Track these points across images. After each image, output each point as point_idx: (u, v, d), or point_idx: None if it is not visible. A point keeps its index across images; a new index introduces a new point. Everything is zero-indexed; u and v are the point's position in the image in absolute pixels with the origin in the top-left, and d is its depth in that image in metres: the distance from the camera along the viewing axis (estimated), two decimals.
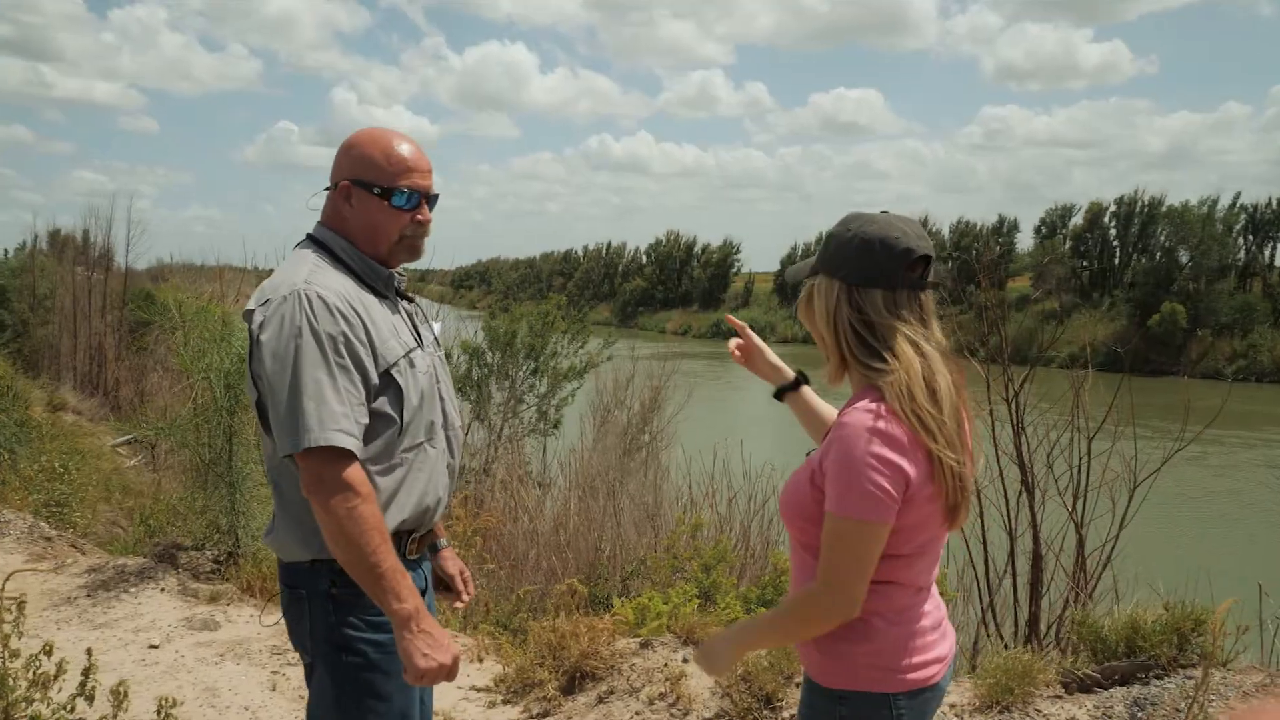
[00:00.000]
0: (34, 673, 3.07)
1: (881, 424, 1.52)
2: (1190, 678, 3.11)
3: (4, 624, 3.33)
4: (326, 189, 1.93)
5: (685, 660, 3.32)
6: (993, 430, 6.99)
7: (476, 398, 16.95)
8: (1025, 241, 62.10)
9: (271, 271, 2.03)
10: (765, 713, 2.93)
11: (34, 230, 22.62)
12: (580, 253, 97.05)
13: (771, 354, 2.10)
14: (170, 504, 6.11)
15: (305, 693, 3.58)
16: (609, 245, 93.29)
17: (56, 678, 3.09)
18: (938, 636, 1.69)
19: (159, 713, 3.06)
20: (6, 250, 22.65)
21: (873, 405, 1.55)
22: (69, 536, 5.88)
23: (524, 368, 17.63)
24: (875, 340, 1.59)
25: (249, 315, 1.75)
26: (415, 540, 1.92)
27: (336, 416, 1.65)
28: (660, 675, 3.21)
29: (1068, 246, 57.75)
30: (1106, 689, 3.19)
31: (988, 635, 6.70)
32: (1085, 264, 56.77)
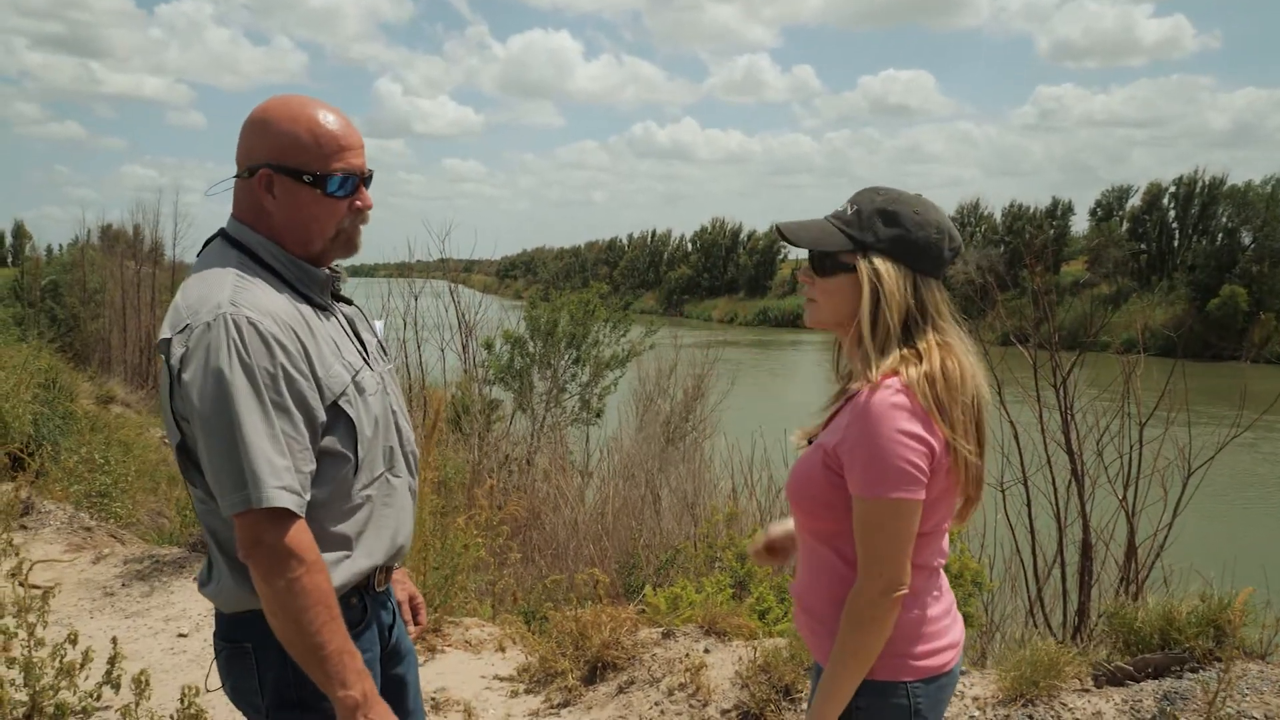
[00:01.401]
0: (60, 661, 3.08)
1: (902, 399, 1.47)
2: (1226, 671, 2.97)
3: (30, 613, 3.37)
4: (236, 176, 1.61)
5: (706, 651, 3.25)
6: (1040, 417, 6.83)
7: (519, 387, 17.03)
8: (1080, 224, 60.88)
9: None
10: (784, 704, 2.85)
11: (85, 225, 23.16)
12: (625, 241, 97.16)
13: (783, 528, 1.92)
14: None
15: None
16: (654, 233, 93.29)
17: (83, 666, 3.10)
18: (950, 621, 1.64)
19: (182, 701, 3.05)
20: (60, 246, 23.21)
21: (893, 383, 1.50)
22: (109, 527, 5.96)
23: (566, 357, 17.68)
24: (917, 329, 1.54)
25: (165, 345, 1.46)
26: (383, 572, 1.69)
27: (278, 471, 1.41)
28: (681, 666, 3.14)
29: (1124, 229, 56.45)
30: (1138, 682, 3.05)
31: (1035, 626, 6.55)
32: (1143, 247, 55.43)
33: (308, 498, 1.48)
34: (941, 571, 1.65)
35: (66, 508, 6.04)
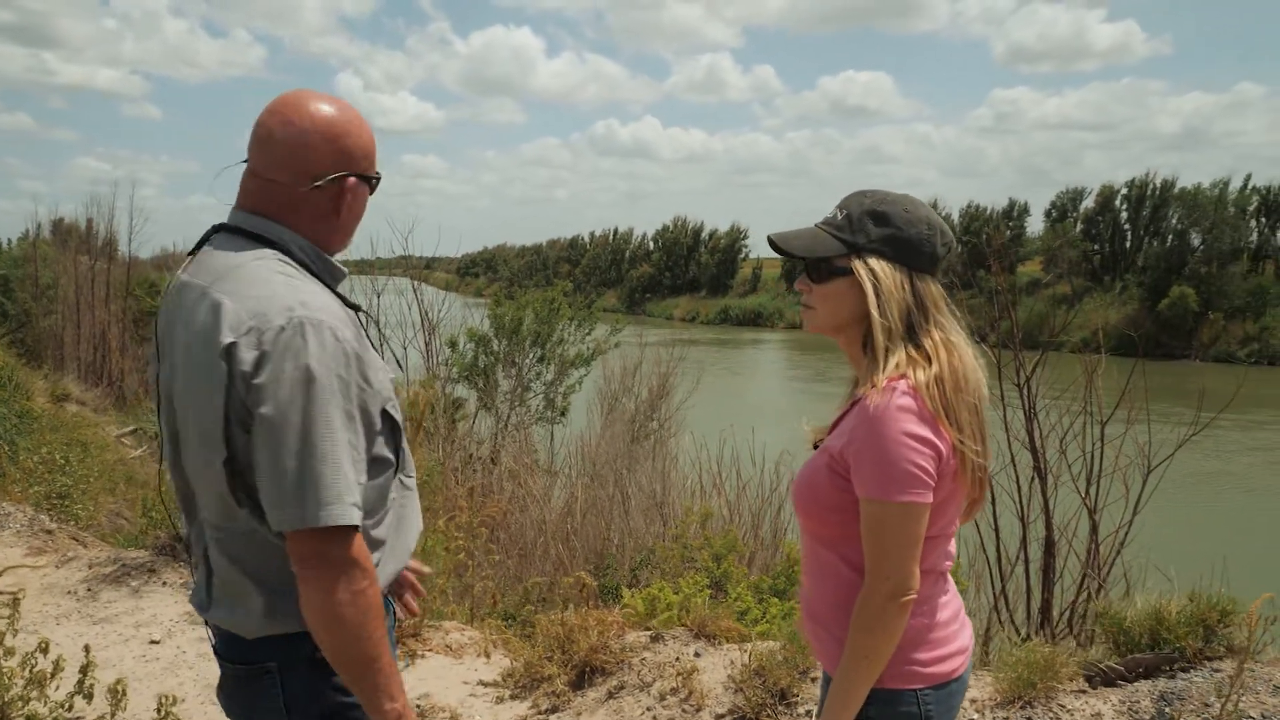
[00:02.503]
0: (30, 671, 3.00)
1: (908, 401, 1.47)
2: (1218, 670, 3.02)
3: None
4: (314, 186, 1.54)
5: (697, 654, 3.24)
6: (1004, 416, 6.92)
7: (483, 385, 16.92)
8: (1036, 225, 61.87)
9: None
10: (780, 708, 2.84)
11: (37, 219, 22.58)
12: (587, 239, 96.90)
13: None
14: (174, 495, 6.03)
15: None
16: (616, 231, 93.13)
17: (54, 675, 3.03)
18: (959, 626, 1.64)
19: (159, 710, 3.00)
20: (9, 240, 22.64)
21: (898, 385, 1.49)
22: (70, 529, 5.82)
23: (530, 355, 17.60)
24: (920, 329, 1.54)
25: (228, 350, 1.36)
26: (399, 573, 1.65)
27: (352, 487, 1.37)
28: (672, 670, 3.13)
29: (1079, 230, 57.44)
30: (1131, 682, 3.10)
31: (1000, 623, 6.64)
32: (1096, 248, 56.42)
33: None
34: (949, 576, 1.65)
35: (26, 510, 5.89)
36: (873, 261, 1.56)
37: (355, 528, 1.40)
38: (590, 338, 17.85)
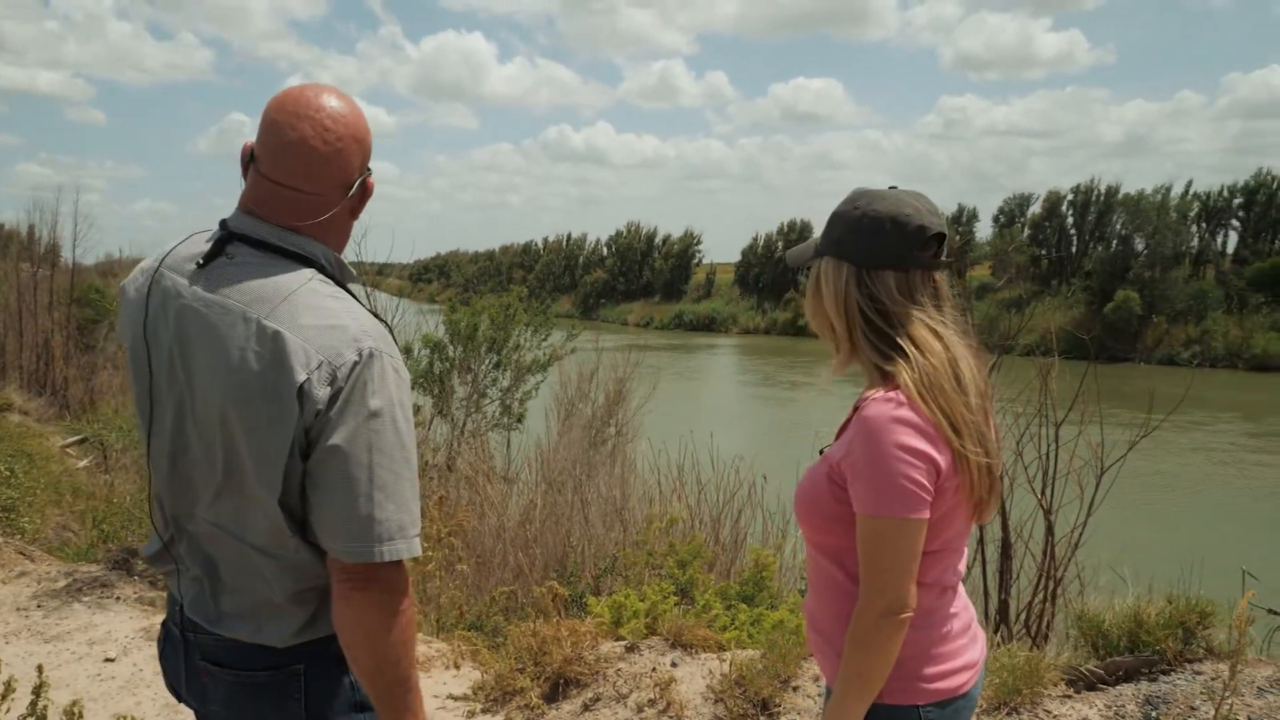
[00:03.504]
0: None
1: (905, 412, 1.42)
2: (1199, 673, 3.05)
3: None
4: (348, 197, 1.49)
5: (674, 664, 3.21)
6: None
7: (439, 392, 16.77)
8: (985, 230, 62.87)
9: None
10: (762, 718, 2.82)
11: None
12: (540, 245, 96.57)
13: None
14: (125, 507, 5.87)
15: None
16: (569, 237, 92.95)
17: (4, 697, 2.91)
18: (967, 640, 1.58)
19: None
20: None
21: (891, 394, 1.45)
22: (16, 543, 5.63)
23: (486, 361, 17.47)
24: (889, 326, 1.49)
25: (304, 387, 1.33)
26: None
27: (416, 519, 1.38)
28: (649, 680, 3.09)
29: (1026, 235, 58.52)
30: (1112, 685, 3.12)
31: (1000, 641, 6.67)
32: (1044, 252, 57.53)
33: None
34: (959, 589, 1.61)
35: None
36: (824, 263, 1.56)
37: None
38: (546, 343, 17.79)
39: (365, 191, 1.55)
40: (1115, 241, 53.99)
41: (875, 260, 1.50)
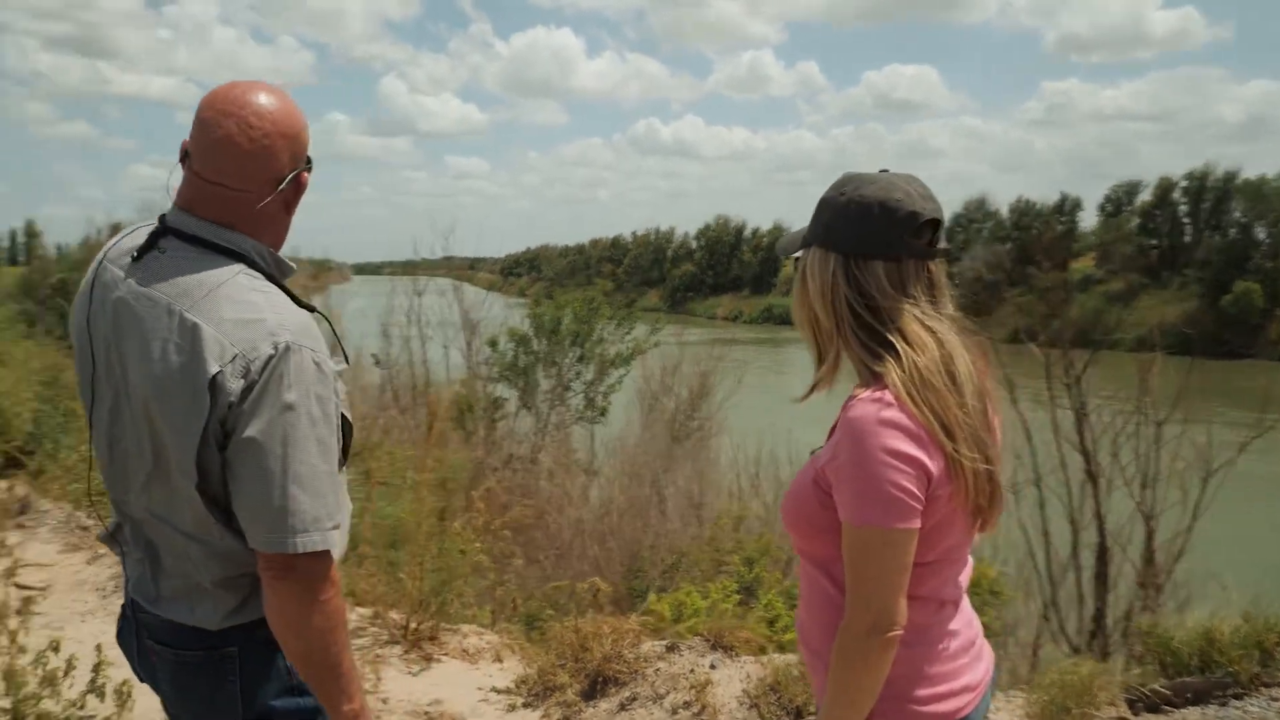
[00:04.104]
0: (43, 668, 2.97)
1: (892, 413, 1.28)
2: (1275, 699, 2.77)
3: (11, 619, 3.24)
4: (278, 192, 1.49)
5: (712, 666, 3.10)
6: (1053, 416, 6.68)
7: (523, 385, 16.94)
8: (1089, 220, 60.49)
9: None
10: None
11: (94, 225, 23.15)
12: (629, 239, 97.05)
13: None
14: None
15: None
16: (657, 231, 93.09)
17: (67, 673, 2.99)
18: (968, 660, 1.42)
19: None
20: (69, 244, 23.22)
21: (879, 394, 1.31)
22: (100, 528, 5.81)
23: (570, 355, 17.58)
24: (878, 321, 1.35)
25: (216, 379, 1.34)
26: None
27: (331, 512, 1.39)
28: (686, 682, 2.98)
29: (1134, 225, 56.15)
30: (1178, 708, 2.86)
31: (1050, 633, 6.40)
32: (1154, 242, 55.07)
33: None
34: (962, 605, 1.45)
35: (65, 506, 5.91)
36: (811, 253, 1.43)
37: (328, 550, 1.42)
38: (630, 337, 17.80)
39: (299, 187, 1.55)
40: (1233, 230, 51.34)
41: (863, 249, 1.36)
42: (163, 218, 1.51)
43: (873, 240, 1.35)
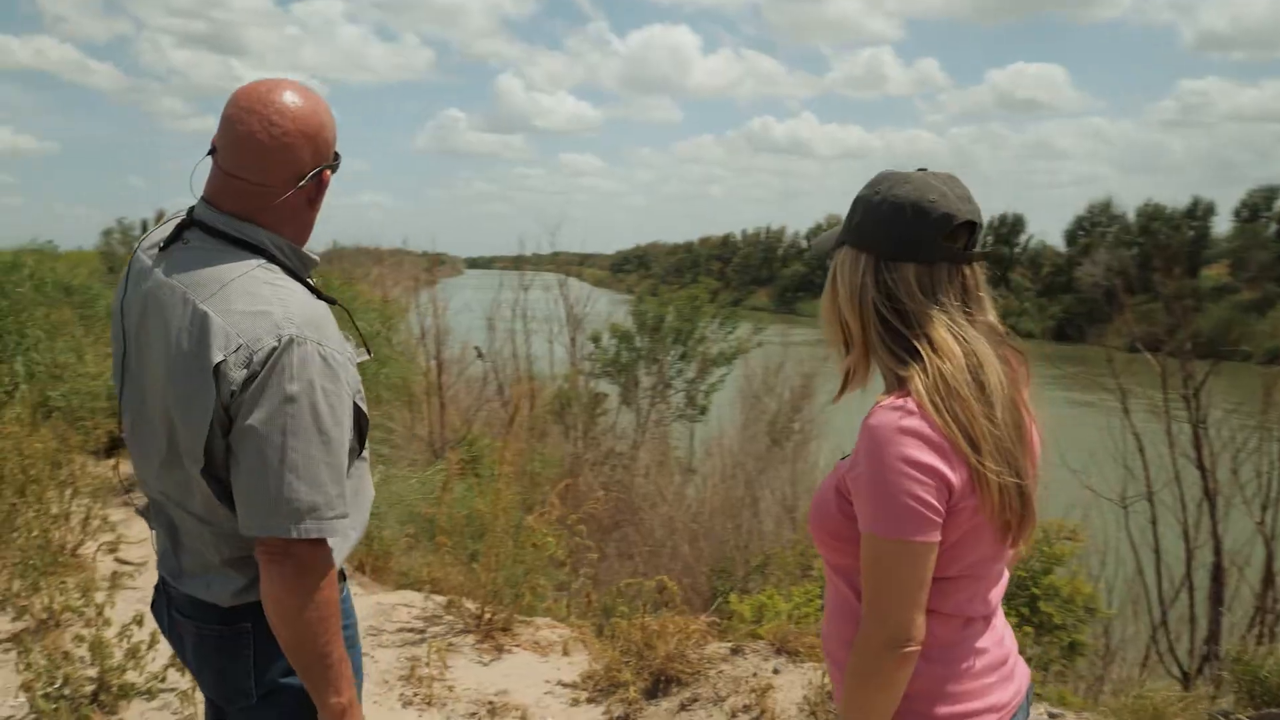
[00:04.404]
0: (128, 641, 3.11)
1: (913, 422, 1.22)
2: None
3: (98, 594, 3.42)
4: (299, 188, 1.52)
5: (775, 671, 3.04)
6: (1168, 428, 6.38)
7: (625, 381, 17.04)
8: (1223, 225, 57.26)
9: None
10: None
11: None
12: (739, 237, 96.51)
13: None
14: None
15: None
16: (768, 229, 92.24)
17: (150, 646, 3.12)
18: (996, 680, 1.34)
19: None
20: None
21: (900, 401, 1.25)
22: None
23: (672, 352, 17.60)
24: (906, 326, 1.29)
25: (220, 368, 1.39)
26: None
27: (331, 502, 1.42)
28: (747, 686, 2.94)
29: (1273, 231, 52.92)
30: None
31: (1159, 655, 6.12)
32: None
33: None
34: (993, 623, 1.38)
35: None
36: (842, 253, 1.37)
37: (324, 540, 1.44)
38: (733, 336, 17.71)
39: (322, 184, 1.58)
40: None
41: (895, 251, 1.31)
42: (190, 210, 1.56)
43: (904, 242, 1.29)
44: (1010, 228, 65.82)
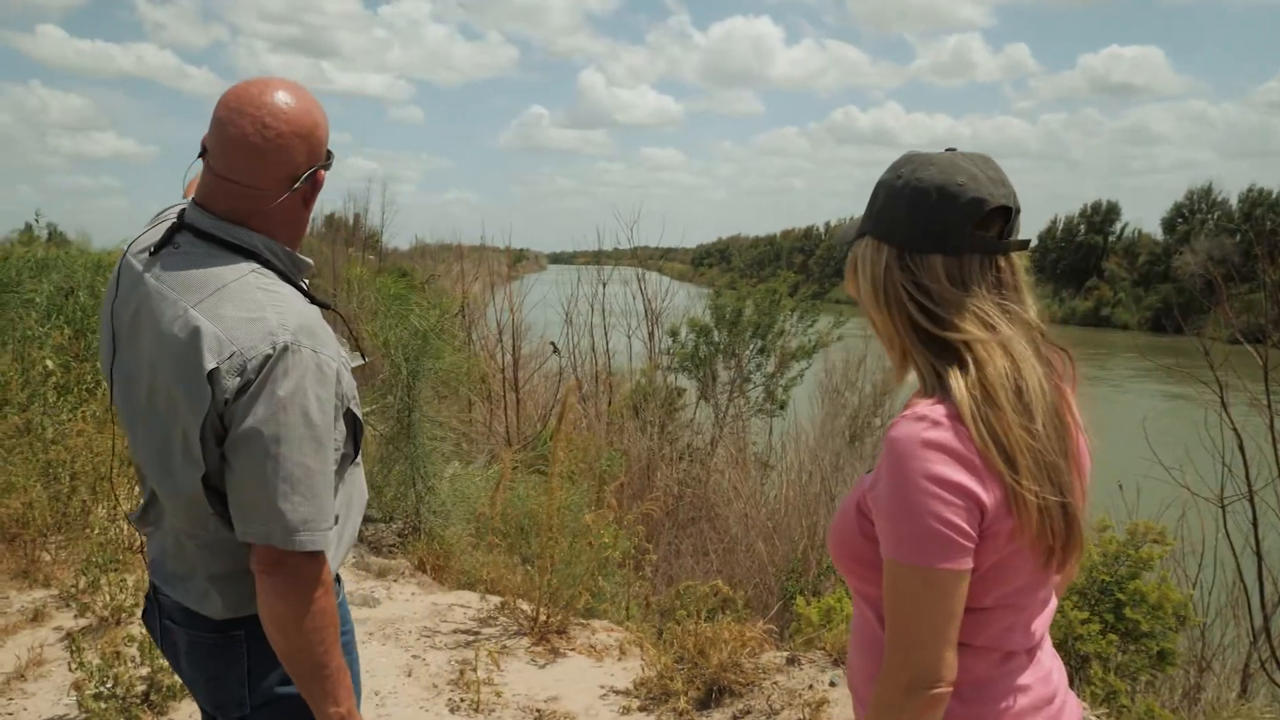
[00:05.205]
0: None
1: (940, 434, 1.08)
2: None
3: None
4: (291, 192, 1.47)
5: (832, 684, 2.90)
6: (1270, 424, 6.03)
7: (702, 376, 16.92)
8: None
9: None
10: None
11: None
12: (822, 229, 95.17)
13: None
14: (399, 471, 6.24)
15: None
16: (851, 220, 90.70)
17: None
18: None
19: None
20: None
21: (928, 410, 1.11)
22: None
23: (751, 346, 17.39)
24: (935, 325, 1.16)
25: (213, 375, 1.35)
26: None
27: (325, 512, 1.39)
28: (801, 700, 2.80)
29: None
30: None
31: (1260, 663, 5.79)
32: None
33: None
34: (1038, 657, 1.23)
35: None
36: (859, 245, 1.25)
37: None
38: (813, 330, 17.39)
39: (315, 184, 1.54)
40: None
41: (919, 241, 1.17)
42: (182, 213, 1.52)
43: (930, 231, 1.16)
44: (1104, 216, 63.53)
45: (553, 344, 15.16)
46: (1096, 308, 56.69)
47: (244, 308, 1.40)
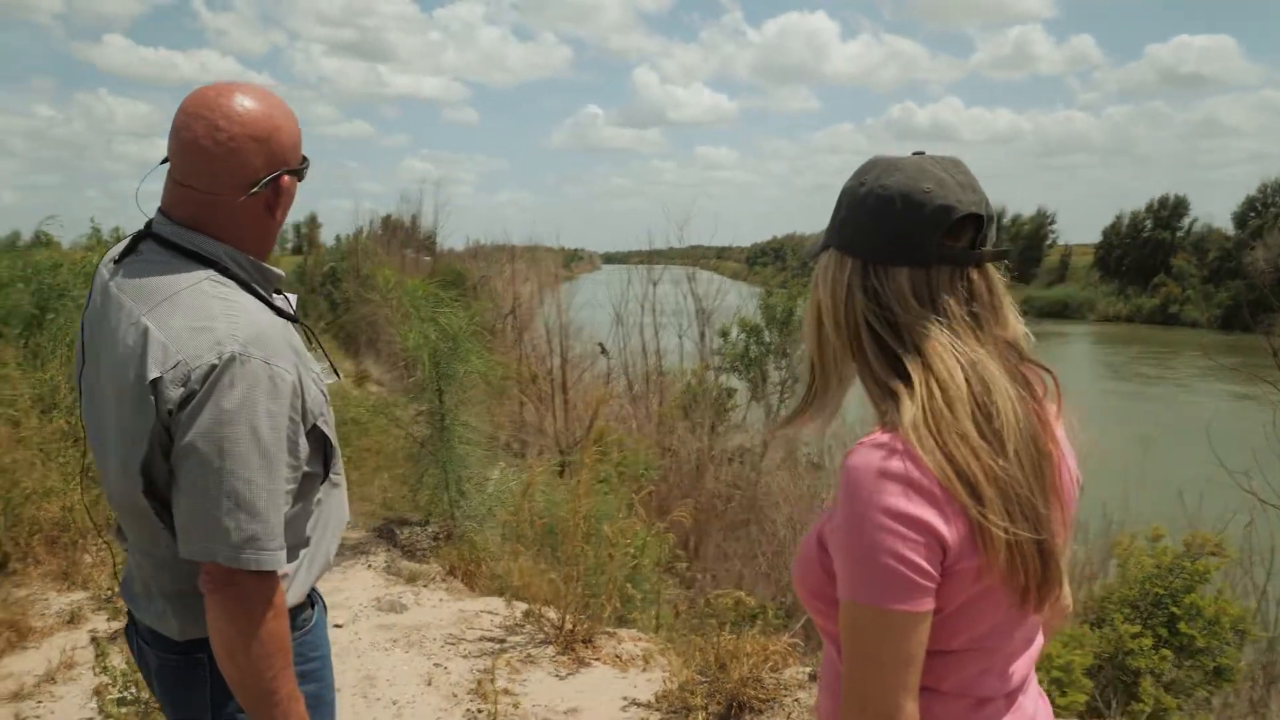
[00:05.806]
0: None
1: (899, 463, 0.98)
2: None
3: None
4: (251, 195, 1.42)
5: None
6: None
7: (753, 376, 16.77)
8: None
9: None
10: None
11: (364, 217, 25.50)
12: None
13: None
14: (399, 478, 6.26)
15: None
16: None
17: None
18: None
19: None
20: (345, 235, 25.65)
21: (886, 438, 1.01)
22: None
23: (802, 346, 17.19)
24: (898, 342, 1.06)
25: (156, 384, 1.31)
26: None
27: (273, 531, 1.33)
28: None
29: None
30: None
31: None
32: None
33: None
34: (1018, 702, 1.12)
35: None
36: (822, 259, 1.14)
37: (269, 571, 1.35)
38: None
39: (279, 190, 1.48)
40: None
41: (884, 253, 1.08)
42: (149, 222, 1.49)
43: (895, 241, 1.06)
44: (1172, 211, 61.81)
45: (601, 345, 15.15)
46: (1164, 305, 55.14)
47: (193, 316, 1.36)
